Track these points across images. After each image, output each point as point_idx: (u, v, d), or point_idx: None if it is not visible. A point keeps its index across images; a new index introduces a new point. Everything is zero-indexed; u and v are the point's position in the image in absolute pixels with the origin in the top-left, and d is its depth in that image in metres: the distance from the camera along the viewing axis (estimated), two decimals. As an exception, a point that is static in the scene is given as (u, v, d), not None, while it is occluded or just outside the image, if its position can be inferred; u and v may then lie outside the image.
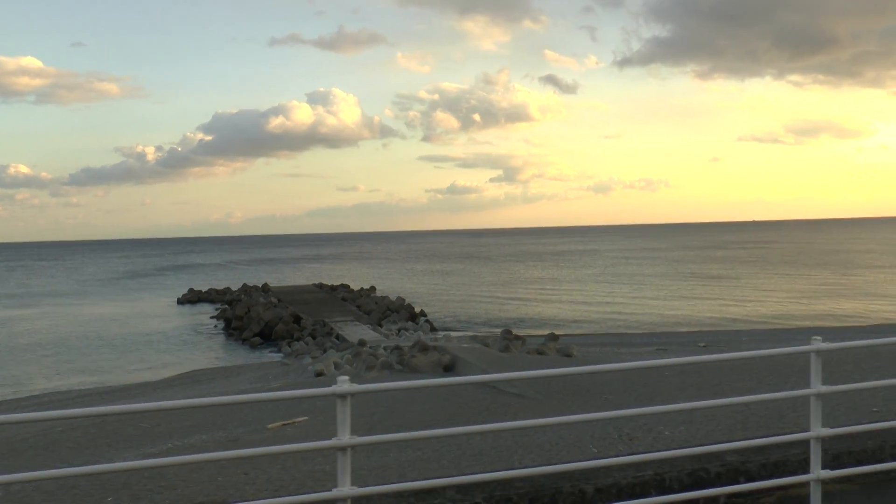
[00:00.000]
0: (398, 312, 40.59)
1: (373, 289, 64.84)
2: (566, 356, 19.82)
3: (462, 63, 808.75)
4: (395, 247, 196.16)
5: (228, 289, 63.61)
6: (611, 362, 19.58)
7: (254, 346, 37.18)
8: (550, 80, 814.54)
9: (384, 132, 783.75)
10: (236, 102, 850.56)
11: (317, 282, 66.69)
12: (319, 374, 22.31)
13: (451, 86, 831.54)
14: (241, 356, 33.73)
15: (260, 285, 66.32)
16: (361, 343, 28.06)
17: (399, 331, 36.33)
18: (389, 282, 73.63)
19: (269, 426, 13.90)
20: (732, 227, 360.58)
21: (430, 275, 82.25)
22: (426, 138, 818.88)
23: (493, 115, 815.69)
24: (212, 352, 35.05)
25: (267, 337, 38.67)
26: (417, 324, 38.16)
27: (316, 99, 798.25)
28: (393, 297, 56.91)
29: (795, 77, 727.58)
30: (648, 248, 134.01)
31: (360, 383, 4.78)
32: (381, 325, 37.45)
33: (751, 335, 32.97)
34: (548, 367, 16.00)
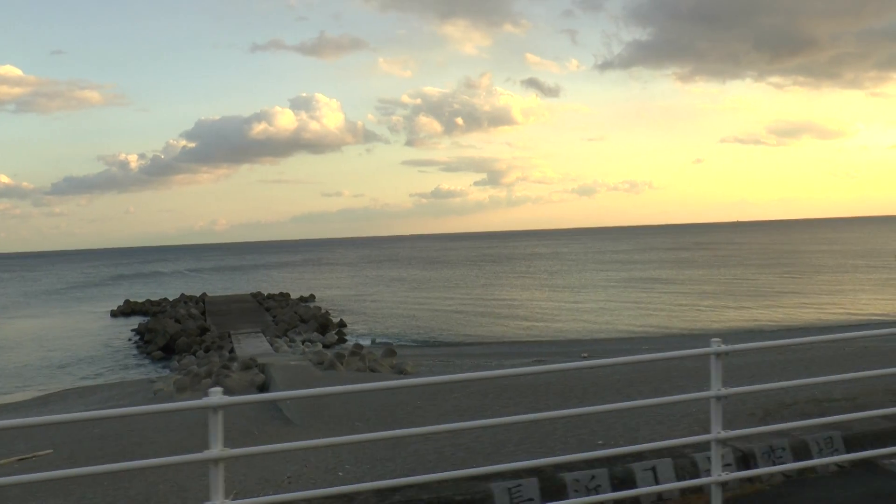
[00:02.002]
0: (307, 323, 39.70)
1: (312, 297, 64.09)
2: (400, 373, 18.98)
3: (444, 67, 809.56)
4: (369, 252, 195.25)
5: (165, 299, 62.56)
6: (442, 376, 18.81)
7: (155, 360, 36.27)
8: (532, 83, 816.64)
9: (368, 137, 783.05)
10: (219, 109, 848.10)
11: (256, 290, 65.73)
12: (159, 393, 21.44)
13: (434, 90, 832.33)
14: (132, 372, 32.75)
15: (198, 295, 65.46)
16: (232, 358, 27.20)
17: (303, 342, 35.50)
18: (335, 290, 72.89)
19: (1, 462, 12.99)
20: (714, 228, 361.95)
21: (378, 281, 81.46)
22: (409, 143, 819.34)
23: (476, 119, 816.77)
24: (105, 368, 34.03)
25: (171, 350, 37.84)
26: (324, 335, 37.28)
27: (299, 104, 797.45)
28: (331, 305, 56.26)
29: (776, 79, 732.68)
30: (614, 251, 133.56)
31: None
32: (286, 336, 36.51)
33: (653, 343, 32.23)
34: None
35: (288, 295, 63.58)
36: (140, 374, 31.30)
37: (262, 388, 17.47)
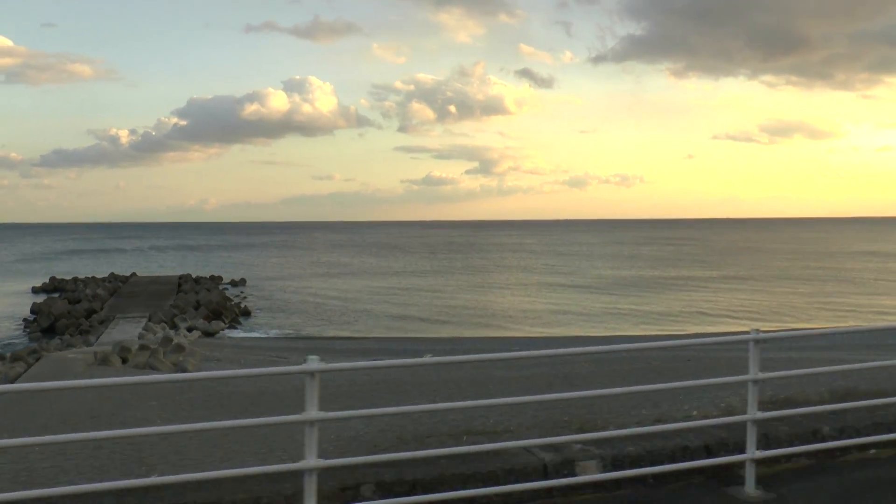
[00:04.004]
0: (197, 310, 38.93)
1: (243, 281, 63.41)
2: (181, 370, 18.22)
3: (437, 55, 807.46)
4: (338, 237, 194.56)
5: (93, 277, 61.67)
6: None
7: (32, 341, 35.56)
8: (526, 73, 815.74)
9: (360, 122, 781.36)
10: (211, 88, 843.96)
11: (187, 272, 64.92)
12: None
13: (427, 77, 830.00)
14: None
15: (128, 274, 64.74)
16: (86, 343, 26.44)
17: (187, 329, 34.74)
18: (272, 274, 72.35)
19: None
20: (698, 224, 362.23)
21: (322, 267, 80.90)
22: (402, 129, 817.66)
23: (468, 108, 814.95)
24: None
25: (53, 331, 37.39)
26: (209, 323, 36.53)
27: (292, 86, 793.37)
28: (256, 291, 55.82)
29: (768, 77, 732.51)
30: (580, 243, 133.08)
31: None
32: (170, 322, 35.70)
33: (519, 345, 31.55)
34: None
35: (220, 278, 62.91)
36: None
37: (15, 382, 16.68)
